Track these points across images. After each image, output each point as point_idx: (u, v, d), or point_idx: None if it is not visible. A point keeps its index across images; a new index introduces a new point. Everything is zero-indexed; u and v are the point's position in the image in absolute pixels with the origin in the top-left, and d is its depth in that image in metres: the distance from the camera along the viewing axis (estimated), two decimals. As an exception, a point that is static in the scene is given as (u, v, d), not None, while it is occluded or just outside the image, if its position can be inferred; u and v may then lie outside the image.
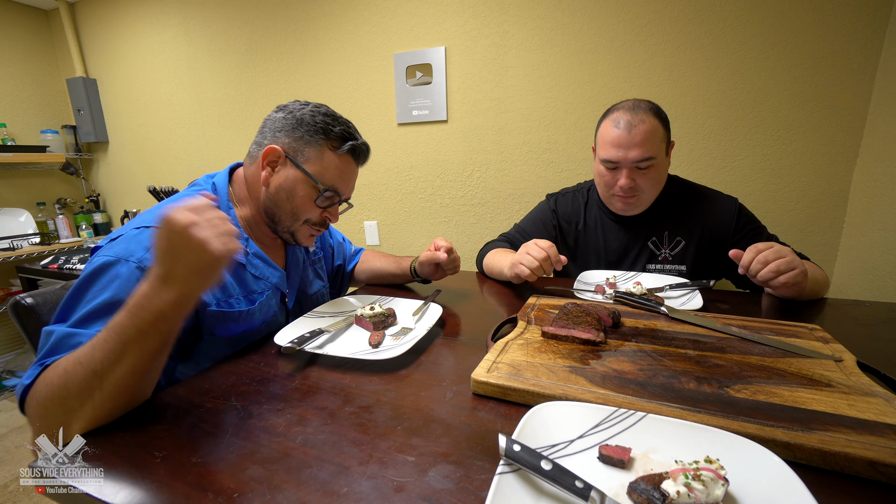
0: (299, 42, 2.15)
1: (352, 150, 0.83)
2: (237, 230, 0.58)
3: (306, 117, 0.81)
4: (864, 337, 0.78)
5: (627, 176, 1.04)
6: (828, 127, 1.47)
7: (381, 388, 0.62)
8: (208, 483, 0.44)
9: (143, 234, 0.70)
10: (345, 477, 0.44)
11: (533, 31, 1.75)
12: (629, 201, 1.09)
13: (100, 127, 2.81)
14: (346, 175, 0.85)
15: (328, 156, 0.82)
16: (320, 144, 0.81)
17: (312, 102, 0.84)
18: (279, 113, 0.83)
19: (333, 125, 0.81)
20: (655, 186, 1.08)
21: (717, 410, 0.51)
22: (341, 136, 0.82)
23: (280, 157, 0.81)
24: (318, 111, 0.82)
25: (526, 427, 0.46)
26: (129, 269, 0.65)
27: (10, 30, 2.65)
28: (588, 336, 0.69)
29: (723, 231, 1.10)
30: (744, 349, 0.68)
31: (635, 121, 1.01)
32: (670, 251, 1.14)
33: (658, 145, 1.03)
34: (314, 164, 0.81)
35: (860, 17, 1.37)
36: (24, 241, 2.54)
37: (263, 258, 0.87)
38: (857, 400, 0.52)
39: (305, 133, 0.80)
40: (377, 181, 2.18)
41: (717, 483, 0.37)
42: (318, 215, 0.86)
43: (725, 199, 1.13)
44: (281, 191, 0.81)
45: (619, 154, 1.03)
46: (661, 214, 1.15)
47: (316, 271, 1.06)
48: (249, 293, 0.83)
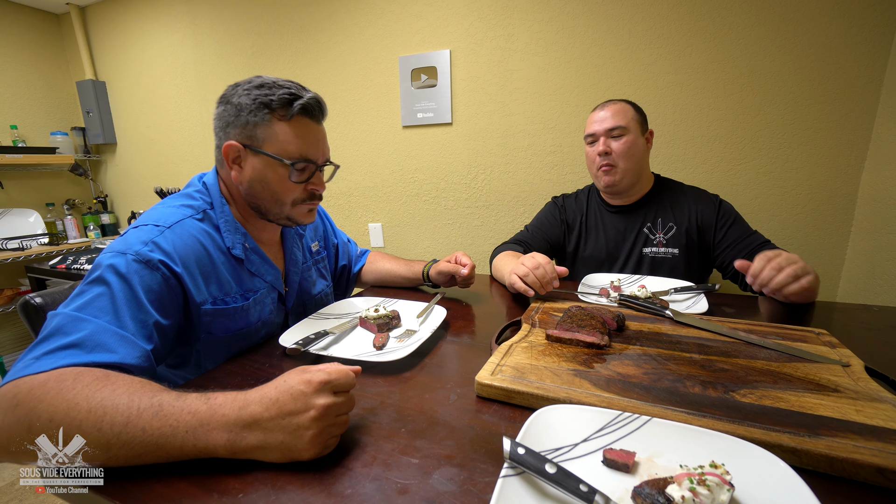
0: (305, 45, 2.17)
1: (301, 110, 0.77)
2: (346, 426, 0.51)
3: (243, 100, 0.76)
4: (873, 342, 0.77)
5: (604, 143, 1.21)
6: (835, 130, 1.46)
7: (386, 390, 0.62)
8: (214, 483, 0.44)
9: (140, 231, 0.71)
10: (349, 478, 0.44)
11: (538, 35, 1.75)
12: (608, 171, 1.22)
13: (108, 129, 2.84)
14: (308, 138, 0.79)
15: (280, 127, 0.76)
16: (268, 120, 0.76)
17: (244, 80, 0.79)
18: (220, 106, 0.79)
19: (271, 94, 0.75)
20: (630, 158, 1.20)
21: (722, 415, 0.50)
22: (283, 101, 0.75)
23: (240, 151, 0.78)
24: (250, 87, 0.77)
25: (530, 430, 0.46)
26: (126, 261, 0.65)
27: (23, 33, 2.69)
28: (592, 339, 0.69)
29: (708, 218, 1.22)
30: (749, 353, 0.67)
31: (609, 104, 1.24)
32: (664, 235, 1.25)
33: (629, 121, 1.20)
34: (272, 144, 0.76)
35: (868, 19, 1.36)
36: (33, 242, 2.56)
37: (261, 254, 0.86)
38: (865, 405, 0.52)
39: (249, 116, 0.75)
40: (382, 183, 2.19)
41: (723, 488, 0.37)
42: (303, 190, 0.82)
43: (709, 196, 1.26)
44: (254, 183, 0.79)
45: (596, 126, 1.23)
46: (652, 204, 1.28)
47: (319, 271, 1.06)
48: (245, 290, 0.82)
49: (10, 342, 2.76)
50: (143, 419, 0.45)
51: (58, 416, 0.46)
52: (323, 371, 0.49)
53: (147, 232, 0.70)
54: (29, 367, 0.52)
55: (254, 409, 0.46)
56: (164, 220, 0.74)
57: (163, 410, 0.46)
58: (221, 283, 0.78)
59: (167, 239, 0.71)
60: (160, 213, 0.76)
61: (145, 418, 0.45)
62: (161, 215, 0.75)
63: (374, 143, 2.15)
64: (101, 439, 0.45)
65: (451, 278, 1.05)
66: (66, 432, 0.46)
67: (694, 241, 1.23)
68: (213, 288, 0.77)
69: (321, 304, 1.02)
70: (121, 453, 0.45)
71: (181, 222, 0.75)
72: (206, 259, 0.76)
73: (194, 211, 0.79)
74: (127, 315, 0.62)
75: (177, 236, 0.73)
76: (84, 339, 0.56)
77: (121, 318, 0.61)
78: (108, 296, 0.62)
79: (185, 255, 0.72)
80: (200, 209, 0.80)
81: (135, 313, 0.63)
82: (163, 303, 0.68)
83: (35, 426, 0.46)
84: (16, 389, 0.49)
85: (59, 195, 2.91)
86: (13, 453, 0.47)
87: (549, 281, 0.94)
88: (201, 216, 0.79)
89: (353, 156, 2.21)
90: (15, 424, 0.47)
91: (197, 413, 0.46)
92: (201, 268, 0.75)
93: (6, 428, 0.47)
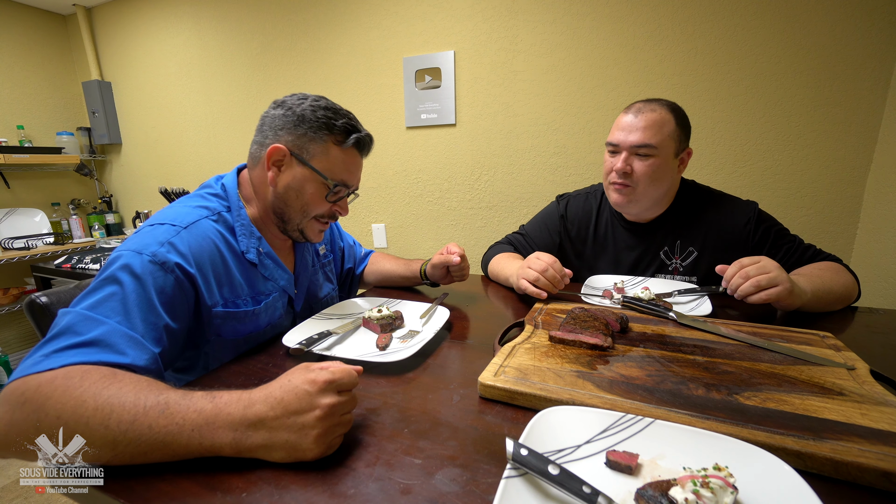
0: (310, 46, 2.17)
1: (356, 143, 0.82)
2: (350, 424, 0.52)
3: (307, 113, 0.79)
4: (878, 345, 0.76)
5: (624, 160, 1.01)
6: (841, 132, 1.46)
7: (389, 391, 0.62)
8: (217, 482, 0.44)
9: (157, 230, 0.71)
10: (352, 478, 0.45)
11: (542, 36, 1.75)
12: (623, 191, 1.04)
13: (114, 129, 2.86)
14: (353, 168, 0.85)
15: (333, 151, 0.81)
16: (324, 140, 0.79)
17: (311, 95, 0.83)
18: (278, 110, 0.81)
19: (336, 119, 0.80)
20: (652, 183, 1.02)
21: (726, 417, 0.50)
22: (345, 129, 0.81)
23: (285, 156, 0.79)
24: (318, 105, 0.80)
25: (533, 431, 0.46)
26: (141, 261, 0.65)
27: (30, 34, 2.72)
28: (596, 341, 0.69)
29: (739, 239, 1.04)
30: (753, 356, 0.67)
31: (646, 109, 1.01)
32: (681, 262, 1.09)
33: (663, 138, 0.99)
34: (321, 161, 0.80)
35: (874, 22, 1.35)
36: (39, 241, 2.58)
37: (274, 259, 0.87)
38: (871, 409, 0.51)
39: (308, 130, 0.79)
40: (385, 184, 2.19)
41: (726, 491, 0.37)
42: (328, 209, 0.86)
43: (743, 205, 1.07)
44: (290, 190, 0.81)
45: (621, 136, 1.02)
46: (673, 222, 1.10)
47: (326, 274, 1.06)
48: (257, 294, 0.83)
49: (16, 341, 2.78)
50: (150, 417, 0.46)
51: (65, 413, 0.46)
52: (327, 370, 0.49)
53: (164, 232, 0.71)
54: (38, 364, 0.52)
55: (259, 408, 0.46)
56: (180, 219, 0.74)
57: (169, 409, 0.47)
58: (234, 286, 0.78)
59: (183, 239, 0.71)
60: (177, 213, 0.76)
61: (152, 416, 0.46)
62: (178, 214, 0.76)
63: (377, 144, 2.13)
64: (108, 437, 0.45)
65: (445, 271, 1.05)
66: (74, 430, 0.46)
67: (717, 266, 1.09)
68: (226, 290, 0.77)
69: (327, 307, 1.02)
70: (127, 451, 0.45)
71: (198, 223, 0.76)
72: (219, 261, 0.76)
73: (210, 212, 0.80)
74: (138, 317, 0.62)
75: (193, 237, 0.73)
76: (94, 340, 0.56)
77: (132, 320, 0.61)
78: (120, 296, 0.62)
79: (200, 257, 0.72)
80: (216, 210, 0.81)
81: (146, 315, 0.63)
82: (174, 306, 0.68)
83: (43, 423, 0.47)
84: (24, 386, 0.49)
85: (64, 195, 2.93)
86: (21, 450, 0.47)
87: (558, 282, 0.93)
88: (216, 217, 0.80)
89: (356, 156, 2.21)
90: (23, 421, 0.47)
91: (203, 412, 0.46)
92: (215, 270, 0.75)
93: (15, 424, 0.48)
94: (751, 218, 1.04)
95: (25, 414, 0.48)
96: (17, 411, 0.48)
